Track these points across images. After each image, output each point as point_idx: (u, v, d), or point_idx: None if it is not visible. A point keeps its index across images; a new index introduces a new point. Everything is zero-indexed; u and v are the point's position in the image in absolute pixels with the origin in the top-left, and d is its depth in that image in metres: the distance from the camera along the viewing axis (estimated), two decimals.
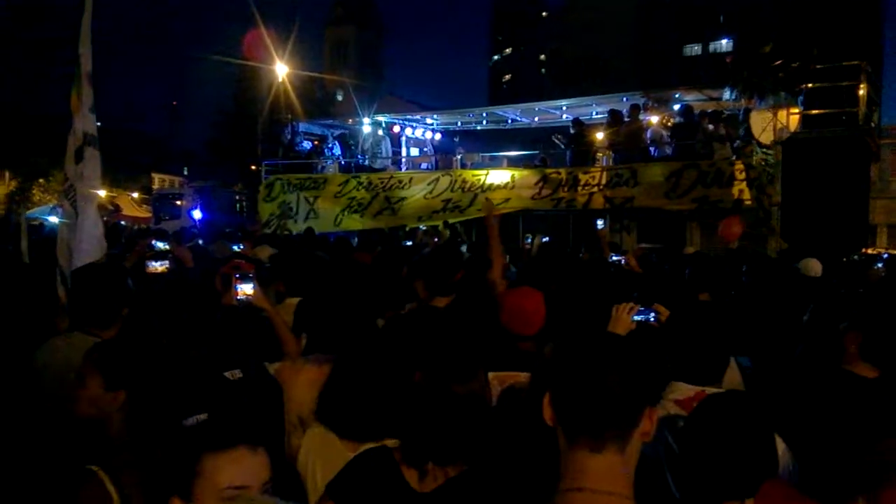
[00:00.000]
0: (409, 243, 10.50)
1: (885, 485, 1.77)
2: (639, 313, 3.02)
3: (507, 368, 2.88)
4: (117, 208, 24.12)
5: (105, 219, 5.51)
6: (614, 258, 5.58)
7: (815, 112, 12.25)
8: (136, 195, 37.11)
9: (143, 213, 29.39)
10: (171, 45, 56.46)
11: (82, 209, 4.35)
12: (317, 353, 3.00)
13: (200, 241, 9.20)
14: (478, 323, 3.27)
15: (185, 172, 49.36)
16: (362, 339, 2.69)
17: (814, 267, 6.48)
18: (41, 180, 34.98)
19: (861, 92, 12.05)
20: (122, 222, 21.53)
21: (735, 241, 9.30)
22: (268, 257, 6.22)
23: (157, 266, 4.63)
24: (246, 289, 3.44)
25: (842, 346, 2.85)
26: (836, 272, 7.27)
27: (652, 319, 3.01)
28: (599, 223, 8.74)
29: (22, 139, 30.76)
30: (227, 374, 2.68)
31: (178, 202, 24.05)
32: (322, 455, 2.33)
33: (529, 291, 3.34)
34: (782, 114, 12.39)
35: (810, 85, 12.16)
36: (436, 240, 10.36)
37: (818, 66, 12.21)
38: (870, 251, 13.49)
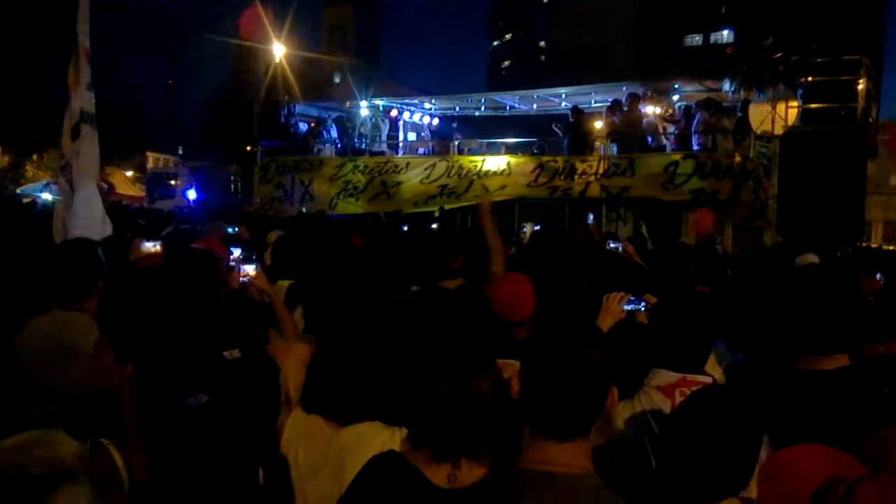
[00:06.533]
0: (406, 228, 10.46)
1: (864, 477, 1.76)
2: (629, 303, 3.02)
3: (500, 356, 2.88)
4: (111, 186, 23.90)
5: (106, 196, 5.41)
6: (612, 245, 5.54)
7: (813, 106, 12.29)
8: (130, 174, 36.78)
9: (137, 191, 29.15)
10: (168, 22, 55.93)
11: (79, 186, 4.30)
12: (309, 333, 3.00)
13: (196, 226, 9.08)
14: (485, 309, 3.25)
15: (180, 152, 48.89)
16: (349, 320, 2.67)
17: (811, 261, 6.47)
18: (34, 156, 34.71)
19: (860, 87, 12.07)
20: (122, 201, 21.38)
21: (709, 232, 9.31)
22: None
23: (150, 247, 4.53)
24: (248, 270, 3.45)
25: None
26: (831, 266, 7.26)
27: (642, 309, 3.01)
28: (589, 218, 8.81)
29: (15, 115, 30.48)
30: (226, 353, 2.68)
31: (173, 182, 23.87)
32: (305, 436, 2.33)
33: (518, 278, 3.39)
34: (781, 107, 12.40)
35: (810, 78, 12.16)
36: (434, 225, 10.29)
37: (818, 60, 12.21)
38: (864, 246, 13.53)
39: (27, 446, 1.13)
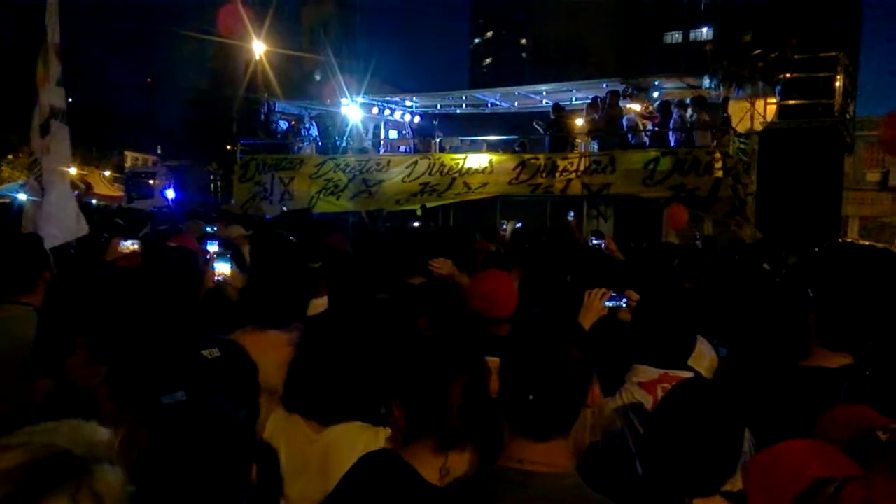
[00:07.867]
0: (388, 225, 10.42)
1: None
2: (611, 299, 3.00)
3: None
4: (88, 186, 23.67)
5: (76, 193, 5.29)
6: (594, 242, 5.55)
7: (792, 102, 12.40)
8: (107, 173, 36.28)
9: (115, 191, 28.83)
10: (146, 19, 55.29)
11: (50, 185, 4.21)
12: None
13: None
14: (455, 303, 3.23)
15: (159, 151, 48.40)
16: (329, 320, 2.63)
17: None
18: (10, 156, 34.17)
19: (838, 83, 12.20)
20: (94, 201, 21.14)
21: (681, 227, 9.41)
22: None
23: (128, 246, 4.42)
24: (223, 269, 3.42)
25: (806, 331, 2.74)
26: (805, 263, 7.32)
27: (624, 305, 3.00)
28: (570, 215, 8.85)
29: None
30: (204, 352, 2.63)
31: (151, 181, 23.70)
32: (286, 436, 2.30)
33: (498, 274, 3.37)
34: (760, 103, 12.50)
35: (788, 75, 12.27)
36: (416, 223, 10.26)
37: (796, 57, 12.32)
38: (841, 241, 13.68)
39: (67, 430, 1.19)
